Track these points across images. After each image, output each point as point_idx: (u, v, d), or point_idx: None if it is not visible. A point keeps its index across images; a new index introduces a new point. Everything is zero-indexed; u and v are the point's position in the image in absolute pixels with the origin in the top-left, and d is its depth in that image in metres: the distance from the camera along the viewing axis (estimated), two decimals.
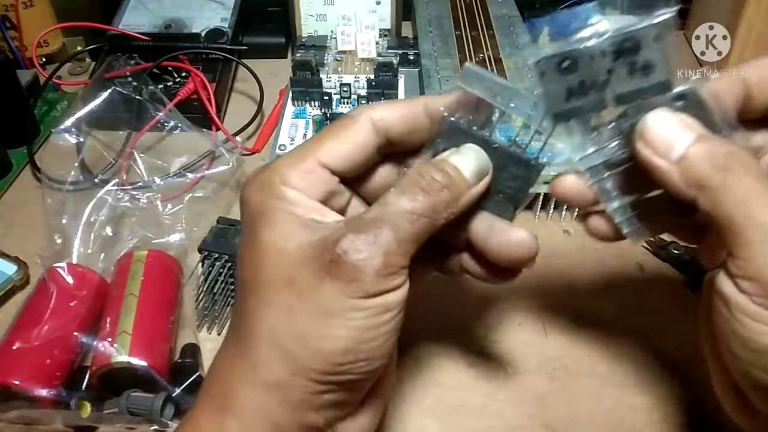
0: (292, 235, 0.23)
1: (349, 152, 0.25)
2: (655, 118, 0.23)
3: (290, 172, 0.24)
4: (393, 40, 0.60)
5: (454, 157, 0.25)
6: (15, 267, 0.40)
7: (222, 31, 0.58)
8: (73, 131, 0.44)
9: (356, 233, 0.22)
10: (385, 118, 0.25)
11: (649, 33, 0.24)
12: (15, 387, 0.32)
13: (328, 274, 0.22)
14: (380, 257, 0.22)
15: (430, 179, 0.24)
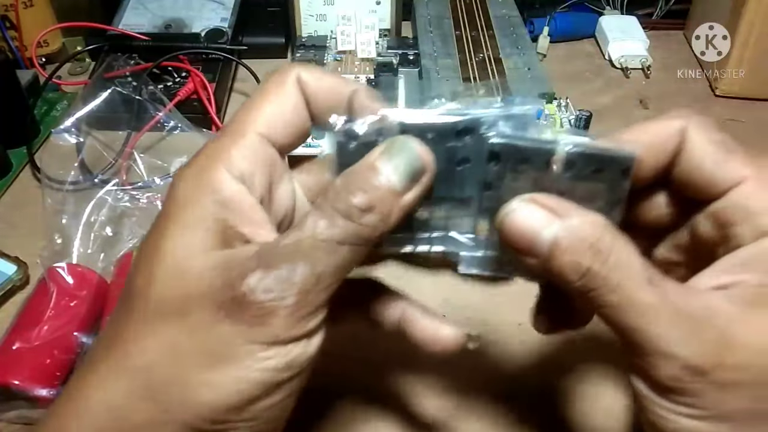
0: (201, 250, 0.19)
1: (290, 119, 0.21)
2: (513, 210, 0.20)
3: (232, 151, 0.20)
4: (393, 40, 0.60)
5: (379, 160, 0.19)
6: (15, 267, 0.40)
7: (222, 31, 0.58)
8: (73, 131, 0.44)
9: (266, 269, 0.18)
10: (311, 83, 0.21)
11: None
12: (15, 387, 0.31)
13: (227, 314, 0.18)
14: (294, 296, 0.18)
15: (350, 205, 0.19)
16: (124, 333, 0.20)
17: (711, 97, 0.59)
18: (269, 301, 0.18)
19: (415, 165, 0.20)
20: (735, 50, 0.56)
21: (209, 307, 0.18)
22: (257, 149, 0.21)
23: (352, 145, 0.20)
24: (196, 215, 0.20)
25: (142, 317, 0.19)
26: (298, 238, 0.19)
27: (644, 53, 0.62)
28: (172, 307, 0.19)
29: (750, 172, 0.20)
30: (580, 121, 0.45)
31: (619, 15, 0.67)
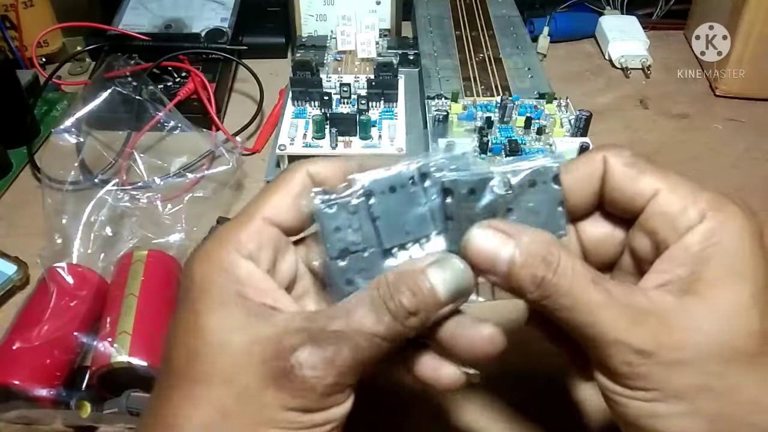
0: (240, 325, 0.21)
1: (292, 203, 0.24)
2: (473, 236, 0.23)
3: (239, 235, 0.23)
4: (393, 40, 0.60)
5: (433, 270, 0.22)
6: (15, 267, 0.40)
7: (222, 31, 0.58)
8: (73, 131, 0.44)
9: (316, 346, 0.20)
10: (321, 172, 0.24)
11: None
12: (15, 387, 0.32)
13: (274, 383, 0.20)
14: (333, 377, 0.20)
15: (399, 304, 0.21)
16: (169, 405, 0.21)
17: (711, 97, 0.59)
18: (313, 378, 0.20)
19: (462, 284, 0.23)
20: (735, 50, 0.56)
21: (257, 375, 0.20)
22: (262, 231, 0.23)
23: (332, 209, 0.24)
24: (221, 294, 0.22)
25: (188, 389, 0.21)
26: (347, 325, 0.21)
27: (644, 53, 0.62)
28: (218, 377, 0.21)
29: (662, 184, 0.23)
30: (580, 121, 0.45)
31: (619, 15, 0.67)
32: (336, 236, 0.24)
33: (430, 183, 0.24)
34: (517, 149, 0.44)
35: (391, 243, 0.24)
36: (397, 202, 0.24)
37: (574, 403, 0.35)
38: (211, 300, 0.22)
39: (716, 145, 0.53)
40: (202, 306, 0.21)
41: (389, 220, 0.24)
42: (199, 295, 0.22)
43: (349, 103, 0.51)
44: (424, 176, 0.24)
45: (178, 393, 0.21)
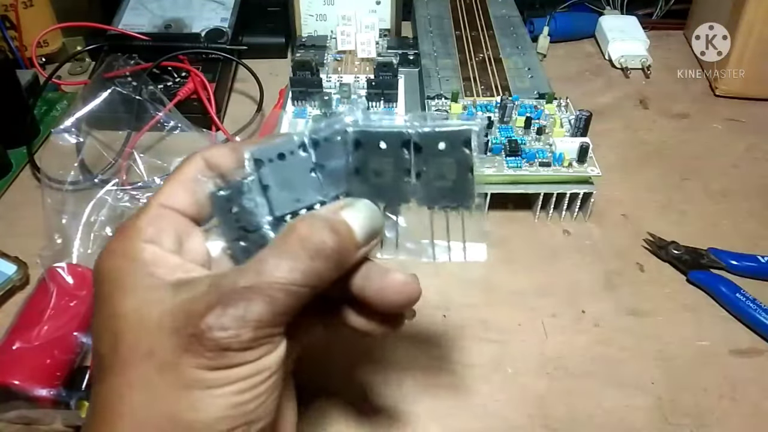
0: (152, 300, 0.21)
1: (187, 188, 0.24)
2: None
3: (137, 223, 0.23)
4: (393, 40, 0.60)
5: (347, 213, 0.23)
6: (15, 267, 0.40)
7: (222, 31, 0.58)
8: (73, 131, 0.44)
9: (224, 306, 0.20)
10: (214, 155, 0.25)
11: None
12: (15, 387, 0.31)
13: (187, 349, 0.20)
14: (249, 332, 0.20)
15: (320, 241, 0.21)
16: (102, 391, 0.22)
17: (711, 97, 0.59)
18: (224, 338, 0.20)
19: (375, 225, 0.23)
20: (735, 50, 0.56)
21: (172, 344, 0.20)
22: (160, 215, 0.24)
23: (225, 192, 0.24)
24: (132, 279, 0.22)
25: (115, 371, 0.21)
26: (257, 278, 0.21)
27: (644, 53, 0.62)
28: (139, 353, 0.21)
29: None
30: (580, 121, 0.45)
31: (619, 15, 0.67)
32: (233, 217, 0.24)
33: (319, 149, 0.24)
34: (517, 149, 0.45)
35: (282, 211, 0.24)
36: (287, 170, 0.24)
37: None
38: (123, 287, 0.22)
39: (716, 145, 0.53)
40: (117, 295, 0.22)
41: (280, 188, 0.24)
42: (111, 286, 0.22)
43: (349, 102, 0.51)
44: (315, 143, 0.24)
45: (110, 377, 0.21)
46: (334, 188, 0.24)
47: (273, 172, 0.24)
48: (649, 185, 0.49)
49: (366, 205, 0.23)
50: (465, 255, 0.26)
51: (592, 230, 0.45)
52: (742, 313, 0.39)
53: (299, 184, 0.24)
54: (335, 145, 0.24)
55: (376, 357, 0.36)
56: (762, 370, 0.37)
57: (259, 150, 0.24)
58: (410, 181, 0.24)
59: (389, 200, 0.25)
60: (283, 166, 0.24)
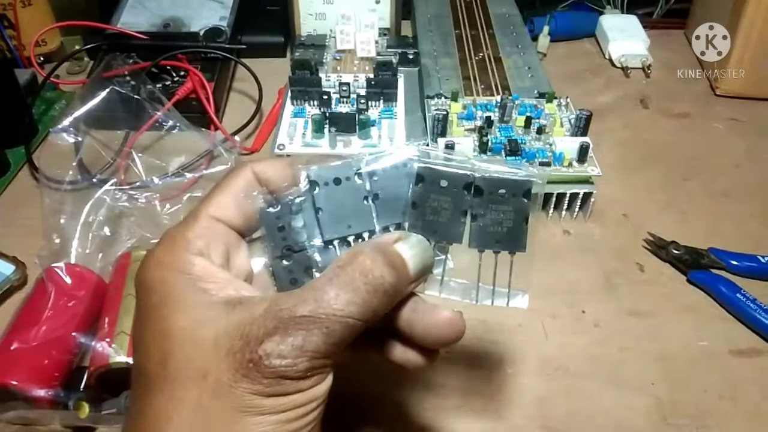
0: (207, 320, 0.21)
1: (237, 201, 0.24)
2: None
3: (186, 234, 0.23)
4: (392, 39, 0.60)
5: (402, 247, 0.23)
6: (13, 267, 0.40)
7: (221, 30, 0.58)
8: (72, 131, 0.44)
9: (283, 335, 0.20)
10: (266, 170, 0.25)
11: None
12: (13, 387, 0.31)
13: (245, 375, 0.20)
14: (305, 363, 0.20)
15: (380, 276, 0.21)
16: (147, 409, 0.21)
17: (711, 97, 0.59)
18: (282, 367, 0.20)
19: (426, 260, 0.23)
20: (735, 50, 0.56)
21: (228, 368, 0.20)
22: (209, 228, 0.24)
23: (275, 209, 0.24)
24: (182, 294, 0.22)
25: (165, 389, 0.21)
26: (316, 309, 0.20)
27: (644, 53, 0.62)
28: (191, 374, 0.20)
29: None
30: (580, 120, 0.45)
31: (620, 14, 0.67)
32: (279, 235, 0.24)
33: (377, 178, 0.24)
34: (517, 149, 0.44)
35: (332, 235, 0.24)
36: (341, 195, 0.24)
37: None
38: (173, 302, 0.21)
39: (716, 145, 0.53)
40: (166, 309, 0.21)
41: (332, 212, 0.24)
42: (160, 300, 0.22)
43: (349, 102, 0.50)
44: (372, 172, 0.24)
45: (157, 396, 0.21)
46: (385, 219, 0.25)
47: (327, 195, 0.24)
48: (649, 185, 0.49)
49: (420, 241, 0.23)
50: (508, 301, 0.27)
51: (592, 230, 0.45)
52: (742, 313, 0.39)
53: (351, 211, 0.24)
54: (393, 177, 0.24)
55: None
56: (762, 370, 0.36)
57: (317, 172, 0.24)
58: (464, 222, 0.25)
59: (442, 238, 0.25)
60: (338, 190, 0.24)
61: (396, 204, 0.25)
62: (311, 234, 0.24)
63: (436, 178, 0.24)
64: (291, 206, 0.24)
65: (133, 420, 0.22)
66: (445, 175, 0.24)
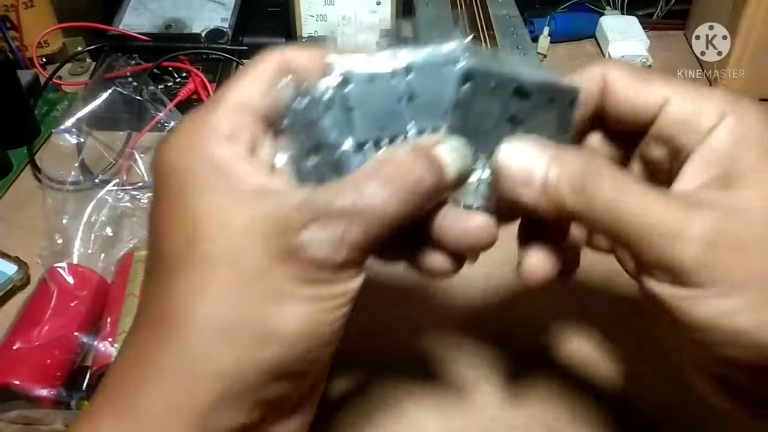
0: (237, 204, 0.20)
1: (262, 88, 0.22)
2: (508, 149, 0.22)
3: (211, 117, 0.21)
4: (393, 40, 0.60)
5: (443, 149, 0.22)
6: (15, 267, 0.40)
7: (222, 32, 0.58)
8: (74, 131, 0.44)
9: (322, 225, 0.19)
10: (297, 57, 0.23)
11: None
12: (15, 387, 0.32)
13: (281, 261, 0.19)
14: (344, 256, 0.20)
15: (420, 176, 0.20)
16: (173, 292, 0.20)
17: None
18: (321, 257, 0.19)
19: (466, 165, 0.22)
20: (735, 50, 0.56)
21: (262, 254, 0.19)
22: (236, 112, 0.22)
23: (303, 102, 0.22)
24: (208, 178, 0.20)
25: (192, 273, 0.20)
26: (356, 202, 0.20)
27: (644, 53, 0.62)
28: (223, 257, 0.20)
29: (670, 91, 0.23)
30: None
31: (620, 15, 0.67)
32: (307, 131, 0.22)
33: (414, 77, 0.22)
34: None
35: (365, 136, 0.22)
36: (376, 93, 0.22)
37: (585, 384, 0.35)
38: (198, 187, 0.20)
39: None
40: (191, 194, 0.20)
41: (365, 111, 0.22)
42: (181, 184, 0.20)
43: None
44: (409, 69, 0.22)
45: (183, 279, 0.20)
46: (422, 121, 0.23)
47: (360, 93, 0.22)
48: None
49: (462, 145, 0.22)
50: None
51: None
52: None
53: (385, 111, 0.22)
54: (432, 76, 0.22)
55: (375, 352, 0.36)
56: None
57: (350, 67, 0.22)
58: (509, 129, 0.23)
59: (484, 143, 0.23)
60: (372, 88, 0.22)
61: (434, 105, 0.23)
62: (342, 132, 0.22)
63: (486, 78, 0.22)
64: (321, 100, 0.22)
65: (154, 303, 0.21)
66: (497, 77, 0.22)
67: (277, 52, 0.23)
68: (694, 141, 0.22)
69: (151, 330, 0.20)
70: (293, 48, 0.23)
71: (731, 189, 0.21)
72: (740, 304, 0.20)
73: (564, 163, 0.21)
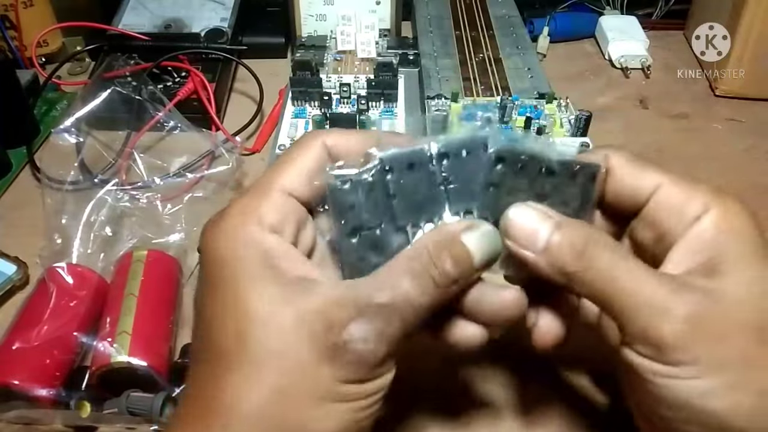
0: (283, 301, 0.21)
1: (311, 174, 0.24)
2: (515, 212, 0.23)
3: (260, 208, 0.23)
4: (393, 40, 0.60)
5: (468, 237, 0.23)
6: (15, 267, 0.40)
7: (222, 31, 0.58)
8: (73, 131, 0.44)
9: (367, 321, 0.21)
10: (337, 144, 0.24)
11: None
12: (15, 387, 0.31)
13: (329, 358, 0.20)
14: (384, 348, 0.21)
15: (443, 272, 0.22)
16: (222, 387, 0.21)
17: (711, 97, 0.59)
18: (366, 351, 0.21)
19: (493, 249, 0.23)
20: (735, 50, 0.56)
21: (309, 351, 0.20)
22: (282, 203, 0.23)
23: (346, 186, 0.23)
24: (255, 269, 0.21)
25: (242, 369, 0.21)
26: (393, 297, 0.21)
27: (644, 53, 0.62)
28: (272, 355, 0.20)
29: (663, 179, 0.24)
30: (580, 121, 0.45)
31: (619, 15, 0.67)
32: (349, 214, 0.23)
33: (449, 163, 0.24)
34: None
35: (405, 221, 0.24)
36: (414, 180, 0.24)
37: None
38: (246, 276, 0.21)
39: (716, 145, 0.53)
40: (241, 286, 0.21)
41: (405, 197, 0.24)
42: (232, 273, 0.21)
43: (349, 103, 0.51)
44: (443, 156, 0.24)
45: (233, 375, 0.21)
46: (457, 204, 0.24)
47: (399, 180, 0.24)
48: None
49: (488, 230, 0.23)
50: None
51: None
52: None
53: (423, 196, 0.24)
54: (465, 161, 0.24)
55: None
56: None
57: (391, 157, 0.23)
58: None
59: None
60: (410, 175, 0.24)
61: (468, 188, 0.24)
62: (381, 214, 0.24)
63: (515, 159, 0.23)
64: (362, 184, 0.23)
65: (203, 393, 0.22)
66: (525, 157, 0.24)
67: (320, 138, 0.24)
68: (679, 227, 0.23)
69: (200, 418, 0.21)
70: (334, 133, 0.25)
71: (715, 277, 0.22)
72: (713, 387, 0.21)
73: (568, 229, 0.23)
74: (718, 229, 0.22)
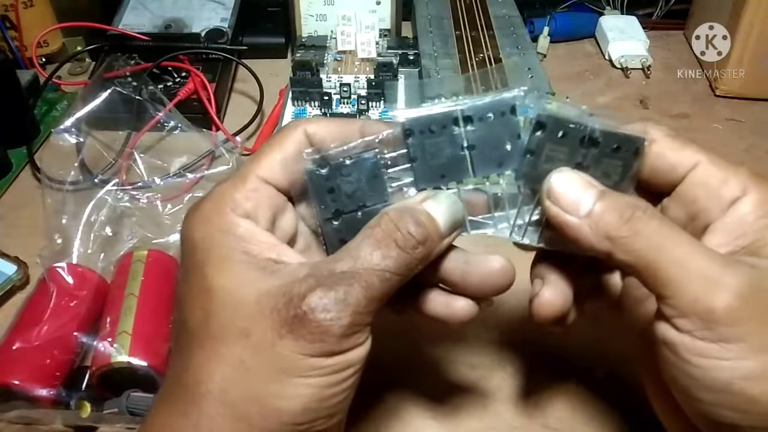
0: (248, 281, 0.21)
1: (288, 161, 0.24)
2: (559, 177, 0.23)
3: (235, 194, 0.23)
4: (393, 40, 0.60)
5: (429, 204, 0.23)
6: (15, 267, 0.40)
7: (222, 31, 0.58)
8: (73, 131, 0.44)
9: (326, 289, 0.21)
10: (318, 131, 0.25)
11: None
12: (15, 387, 0.32)
13: (289, 330, 0.20)
14: (348, 317, 0.21)
15: (406, 234, 0.22)
16: (190, 365, 0.22)
17: (711, 97, 0.59)
18: (326, 321, 0.20)
19: (456, 215, 0.24)
20: (735, 50, 0.56)
21: (272, 325, 0.21)
22: (258, 190, 0.24)
23: (323, 171, 0.24)
24: (226, 254, 0.22)
25: (206, 347, 0.21)
26: (354, 265, 0.21)
27: (644, 53, 0.62)
28: (234, 332, 0.21)
29: (703, 157, 0.24)
30: None
31: (619, 15, 0.67)
32: (329, 197, 0.24)
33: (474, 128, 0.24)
34: None
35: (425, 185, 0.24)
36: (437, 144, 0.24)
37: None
38: (216, 260, 0.22)
39: (716, 145, 0.53)
40: (209, 267, 0.22)
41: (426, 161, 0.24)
42: (203, 257, 0.22)
43: (349, 103, 0.51)
44: (468, 119, 0.24)
45: (198, 352, 0.21)
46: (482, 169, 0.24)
47: (421, 144, 0.23)
48: None
49: (448, 197, 0.24)
50: None
51: None
52: None
53: (446, 160, 0.24)
54: (492, 126, 0.24)
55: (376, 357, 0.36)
56: None
57: (413, 120, 0.23)
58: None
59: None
60: (433, 139, 0.23)
61: (493, 154, 0.24)
62: (362, 197, 0.24)
63: (557, 126, 0.23)
64: (341, 168, 0.24)
65: (175, 374, 0.22)
66: (568, 125, 0.23)
67: (301, 126, 0.25)
68: (715, 208, 0.23)
69: (174, 400, 0.22)
70: (315, 121, 0.25)
71: (762, 260, 0.21)
72: (758, 369, 0.20)
73: (613, 196, 0.22)
74: (758, 214, 0.22)
